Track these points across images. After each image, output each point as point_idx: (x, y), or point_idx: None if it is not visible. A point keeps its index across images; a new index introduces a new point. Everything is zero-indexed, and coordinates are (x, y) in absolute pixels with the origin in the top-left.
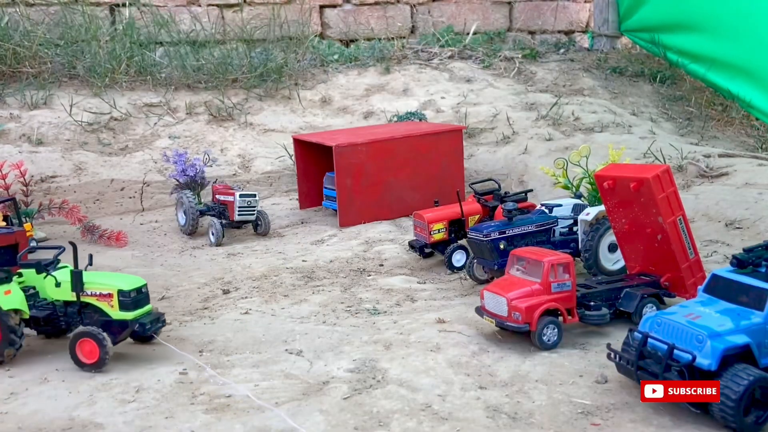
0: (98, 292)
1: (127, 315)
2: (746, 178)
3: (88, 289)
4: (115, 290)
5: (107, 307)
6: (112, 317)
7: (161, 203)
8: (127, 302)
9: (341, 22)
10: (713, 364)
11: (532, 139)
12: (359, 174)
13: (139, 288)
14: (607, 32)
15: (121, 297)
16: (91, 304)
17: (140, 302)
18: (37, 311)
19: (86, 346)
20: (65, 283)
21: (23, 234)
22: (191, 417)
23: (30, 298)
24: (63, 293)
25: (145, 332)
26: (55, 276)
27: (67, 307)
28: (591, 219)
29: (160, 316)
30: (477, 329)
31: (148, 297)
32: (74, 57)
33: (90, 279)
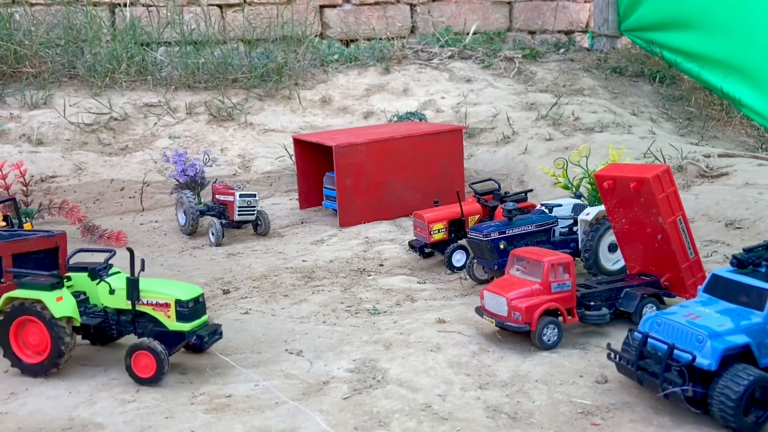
0: (154, 302)
1: (184, 326)
2: (746, 178)
3: (143, 298)
4: (173, 300)
5: (163, 317)
6: (168, 328)
7: (161, 203)
8: (185, 313)
9: (341, 22)
10: (713, 364)
11: (532, 139)
12: (359, 174)
13: (196, 298)
14: (607, 32)
15: (179, 307)
16: (145, 314)
17: (197, 313)
18: (88, 319)
19: (142, 360)
20: (120, 290)
21: (63, 237)
22: (191, 417)
23: (80, 305)
24: (117, 301)
25: (203, 346)
26: (109, 282)
27: (120, 316)
28: (591, 219)
29: (217, 328)
30: (477, 329)
31: (205, 307)
32: (74, 57)
33: (146, 287)
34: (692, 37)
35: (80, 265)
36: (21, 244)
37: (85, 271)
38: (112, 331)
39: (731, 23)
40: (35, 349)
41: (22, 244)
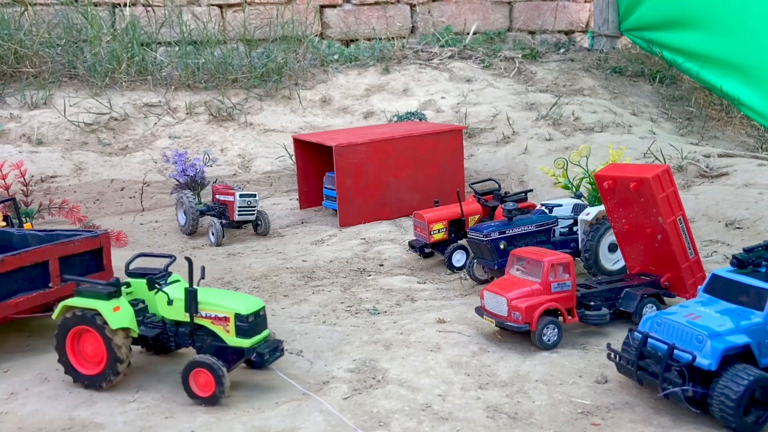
0: (213, 315)
1: (244, 342)
2: (746, 178)
3: (202, 310)
4: (232, 314)
5: (222, 331)
6: (228, 343)
7: (161, 203)
8: (245, 328)
9: (341, 22)
10: (713, 364)
11: (532, 139)
12: (359, 174)
13: (257, 311)
14: (607, 32)
15: (239, 322)
16: (204, 327)
17: (258, 327)
18: (146, 330)
19: (201, 378)
20: (178, 301)
21: (107, 238)
22: (191, 417)
23: (139, 314)
24: (175, 312)
25: (264, 364)
26: (168, 293)
27: (178, 327)
28: (591, 219)
29: (279, 345)
30: (477, 329)
31: (266, 321)
32: (74, 57)
33: (205, 298)
34: (692, 37)
35: (139, 271)
36: (68, 247)
37: (143, 278)
38: (170, 343)
39: (731, 23)
40: (92, 360)
41: (68, 246)
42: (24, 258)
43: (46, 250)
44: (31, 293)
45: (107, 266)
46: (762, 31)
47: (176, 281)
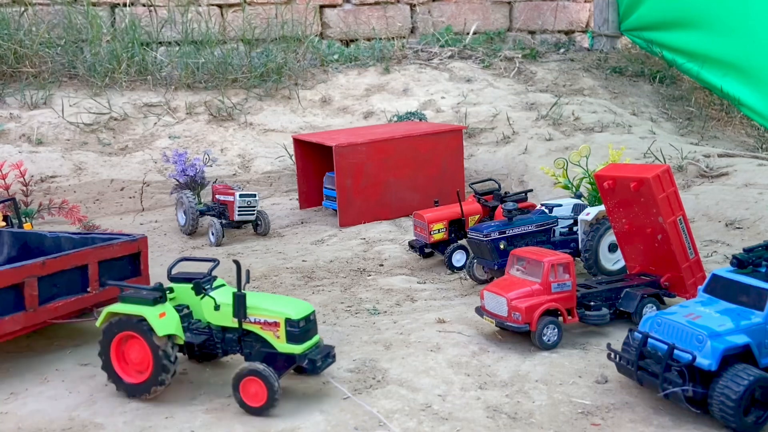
0: (262, 320)
1: (295, 348)
2: (746, 178)
3: (251, 315)
4: (283, 319)
5: (272, 337)
6: (278, 350)
7: (161, 203)
8: (296, 333)
9: (341, 22)
10: (713, 364)
11: (532, 139)
12: (359, 174)
13: (307, 316)
14: (607, 32)
15: (289, 327)
16: (253, 333)
17: (309, 333)
18: (192, 336)
19: (252, 387)
20: (225, 306)
21: (145, 242)
22: (191, 417)
23: (183, 320)
24: (222, 318)
25: (316, 371)
26: (214, 297)
27: (225, 333)
28: (591, 219)
29: (330, 351)
30: (477, 329)
31: (317, 326)
32: (74, 57)
33: (254, 303)
34: (692, 37)
35: (183, 276)
36: (107, 250)
37: (188, 283)
38: (217, 350)
39: (731, 23)
40: (137, 368)
41: (108, 249)
42: (64, 261)
43: (86, 254)
44: (69, 298)
45: (144, 271)
46: (762, 31)
47: (221, 285)
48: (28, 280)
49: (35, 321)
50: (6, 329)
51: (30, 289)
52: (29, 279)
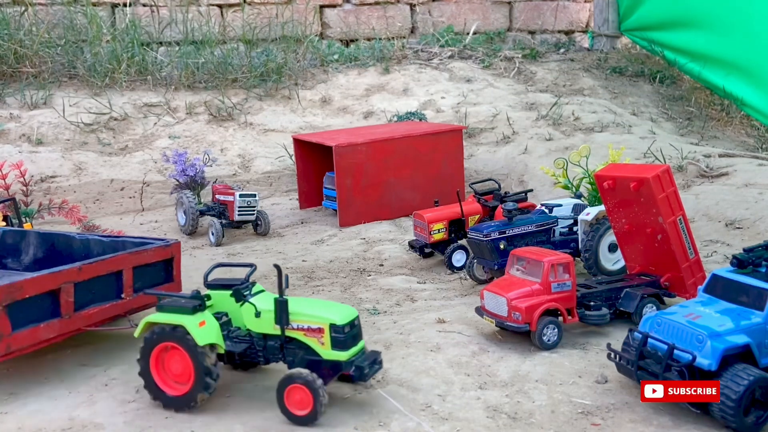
0: (306, 326)
1: (341, 355)
2: (746, 178)
3: (293, 322)
4: (327, 324)
5: (316, 344)
6: (322, 357)
7: (161, 203)
8: (341, 339)
9: (341, 21)
10: (713, 364)
11: (532, 139)
12: (359, 174)
13: (352, 321)
14: (607, 32)
15: (334, 333)
16: (295, 339)
17: (354, 338)
18: (232, 344)
19: (296, 395)
20: (266, 312)
21: (178, 247)
22: (191, 417)
23: (223, 327)
24: (264, 325)
25: (363, 378)
26: (255, 304)
27: (267, 341)
28: (591, 219)
29: (377, 357)
30: (477, 329)
31: (361, 331)
32: (74, 57)
33: (296, 309)
34: (694, 37)
35: (220, 282)
36: (142, 256)
37: (226, 290)
38: (259, 358)
39: (733, 22)
40: (178, 379)
41: (142, 255)
42: (100, 267)
43: (121, 259)
44: (104, 304)
45: (177, 277)
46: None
47: (260, 291)
48: (65, 286)
49: (70, 328)
50: (41, 337)
51: (66, 295)
52: (65, 285)
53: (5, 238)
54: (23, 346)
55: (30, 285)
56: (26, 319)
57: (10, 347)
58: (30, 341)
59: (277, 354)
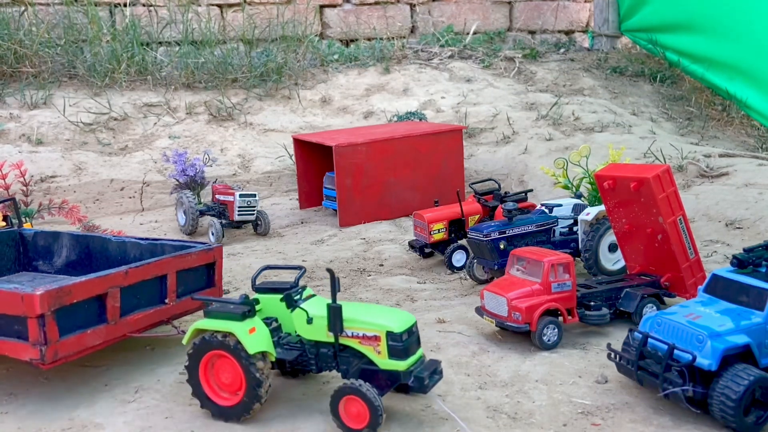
0: (361, 333)
1: (399, 365)
2: (746, 178)
3: (348, 329)
4: (383, 332)
5: (372, 352)
6: (379, 366)
7: (161, 203)
8: (399, 348)
9: (341, 21)
10: (713, 364)
11: (532, 139)
12: (359, 174)
13: (410, 328)
14: (607, 32)
15: (391, 341)
16: (350, 347)
17: (412, 346)
18: (283, 352)
19: (353, 407)
20: (319, 319)
21: (221, 251)
22: (191, 417)
23: (274, 334)
24: (316, 332)
25: (424, 389)
26: (306, 309)
27: (319, 348)
28: (591, 219)
29: (437, 366)
30: (477, 329)
31: (419, 338)
32: (74, 57)
33: (350, 315)
34: (697, 39)
35: (269, 285)
36: (185, 260)
37: (276, 293)
38: (311, 366)
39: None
40: (228, 389)
41: (186, 259)
42: (146, 270)
43: (166, 263)
44: (148, 309)
45: (218, 282)
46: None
47: (312, 296)
48: (111, 290)
49: (116, 334)
50: (87, 343)
51: (113, 300)
52: (112, 289)
53: (37, 240)
54: (70, 352)
55: (78, 289)
56: (73, 324)
57: (58, 354)
58: (77, 348)
59: (331, 362)
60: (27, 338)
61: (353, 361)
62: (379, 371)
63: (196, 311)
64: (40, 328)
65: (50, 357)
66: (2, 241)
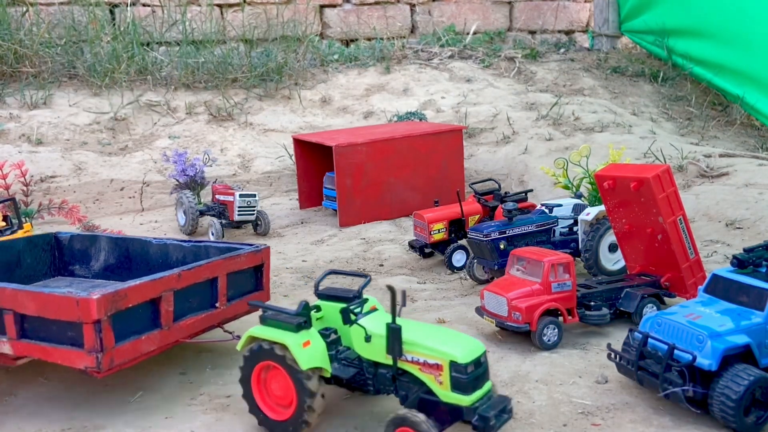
0: (422, 360)
1: (462, 399)
2: (746, 178)
3: (408, 353)
4: (446, 361)
5: (433, 382)
6: (440, 398)
7: (161, 203)
8: (463, 380)
9: (341, 21)
10: (713, 364)
11: (532, 139)
12: (359, 174)
13: (478, 358)
14: (607, 32)
15: (455, 372)
16: (410, 372)
17: (479, 379)
18: (340, 368)
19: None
20: (378, 338)
21: (268, 253)
22: (191, 417)
23: (331, 347)
24: (374, 351)
25: (488, 429)
26: (365, 326)
27: (378, 368)
28: (591, 219)
29: (506, 404)
30: (477, 329)
31: (488, 370)
32: (74, 57)
33: (411, 337)
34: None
35: (332, 293)
36: (235, 262)
37: (337, 302)
38: (368, 386)
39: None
40: (280, 402)
41: (236, 261)
42: (197, 273)
43: (217, 265)
44: (199, 314)
45: (266, 285)
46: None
47: (375, 310)
48: (165, 294)
49: (169, 340)
50: (142, 350)
51: (166, 304)
52: (166, 293)
53: (73, 243)
54: (125, 360)
55: (133, 293)
56: (128, 330)
57: (114, 361)
58: (132, 355)
59: (389, 385)
60: (82, 345)
61: (413, 387)
62: (440, 403)
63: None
64: (96, 334)
65: (106, 365)
66: (37, 245)
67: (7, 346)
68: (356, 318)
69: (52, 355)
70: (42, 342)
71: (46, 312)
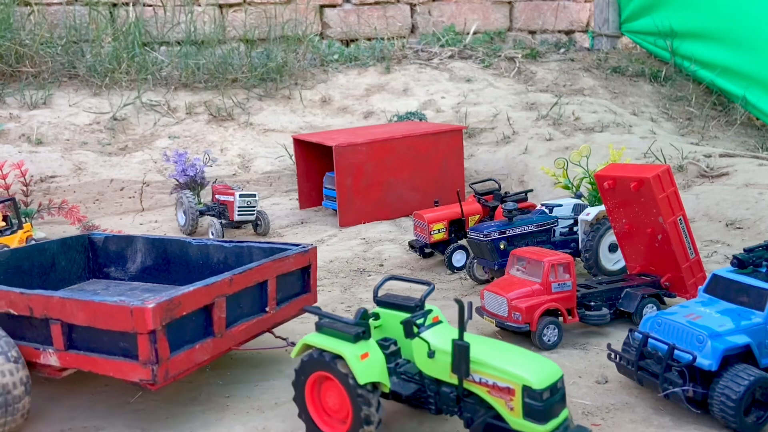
0: (491, 382)
1: (535, 429)
2: (747, 178)
3: (475, 373)
4: (519, 385)
5: (502, 407)
6: (510, 425)
7: (161, 203)
8: (537, 408)
9: (341, 21)
10: (714, 364)
11: (533, 139)
12: (359, 174)
13: (554, 384)
14: (607, 32)
15: (528, 398)
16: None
17: (555, 407)
18: (399, 383)
19: None
20: (442, 354)
21: (315, 254)
22: (191, 417)
23: (390, 359)
24: (437, 369)
25: None
26: (428, 341)
27: (441, 386)
28: (591, 219)
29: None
30: (477, 329)
31: (565, 396)
32: (74, 57)
33: (480, 356)
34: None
35: (393, 301)
36: (285, 264)
37: (398, 311)
38: (429, 405)
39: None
40: (335, 415)
41: (285, 263)
42: (249, 277)
43: (266, 268)
44: (250, 320)
45: (313, 287)
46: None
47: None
48: (218, 300)
49: (221, 348)
50: (196, 359)
51: (219, 310)
52: (218, 299)
53: (107, 245)
54: (180, 371)
55: (187, 300)
56: (182, 339)
57: (169, 373)
58: (186, 365)
59: (453, 406)
60: (136, 357)
61: (479, 410)
62: (510, 431)
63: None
64: (152, 345)
65: (161, 377)
66: (71, 247)
67: (54, 357)
68: (419, 331)
69: (102, 367)
70: (91, 353)
71: (97, 322)
